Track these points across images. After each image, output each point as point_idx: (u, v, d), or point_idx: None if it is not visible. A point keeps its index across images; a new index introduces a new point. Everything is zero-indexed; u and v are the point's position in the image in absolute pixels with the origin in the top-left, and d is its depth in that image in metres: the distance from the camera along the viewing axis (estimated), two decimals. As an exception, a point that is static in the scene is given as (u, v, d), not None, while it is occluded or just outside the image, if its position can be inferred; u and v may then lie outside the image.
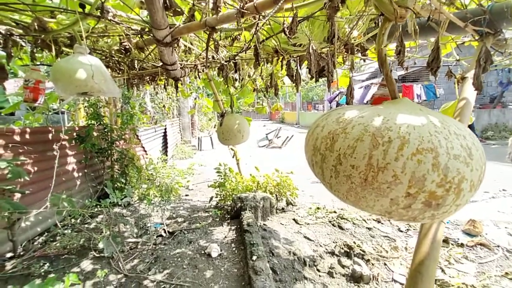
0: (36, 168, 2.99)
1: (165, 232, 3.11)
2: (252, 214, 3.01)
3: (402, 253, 2.51)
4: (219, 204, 4.02)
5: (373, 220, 3.25)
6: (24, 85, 1.53)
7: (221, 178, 3.95)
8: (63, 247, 2.49)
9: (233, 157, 4.50)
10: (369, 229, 3.02)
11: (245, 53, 2.01)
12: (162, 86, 3.54)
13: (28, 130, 2.94)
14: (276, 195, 3.88)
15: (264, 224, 3.02)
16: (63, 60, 1.11)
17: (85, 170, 3.90)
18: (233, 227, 2.98)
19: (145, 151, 6.34)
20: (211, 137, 10.87)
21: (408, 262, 2.39)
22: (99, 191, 3.94)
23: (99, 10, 1.11)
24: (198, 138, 10.72)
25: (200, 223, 3.27)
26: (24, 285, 1.87)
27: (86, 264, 2.29)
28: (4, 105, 6.01)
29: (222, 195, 3.93)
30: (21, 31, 1.20)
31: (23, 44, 1.45)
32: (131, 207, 3.98)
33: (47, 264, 2.22)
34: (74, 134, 3.65)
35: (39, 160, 3.06)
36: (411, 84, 11.00)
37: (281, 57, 1.71)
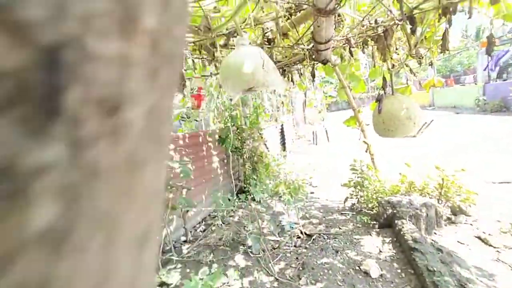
0: (194, 167, 3.56)
1: (301, 233, 2.96)
2: (414, 226, 2.33)
3: None
4: (355, 207, 3.51)
5: None
6: (191, 94, 1.70)
7: (357, 177, 3.42)
8: (219, 239, 2.78)
9: (366, 151, 3.85)
10: None
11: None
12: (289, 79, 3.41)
13: (186, 135, 3.53)
14: (438, 200, 2.94)
15: (433, 241, 2.27)
16: (229, 55, 1.02)
17: (225, 167, 4.39)
18: (386, 239, 2.42)
19: (267, 148, 6.64)
20: (326, 130, 10.28)
21: None
22: (237, 186, 4.34)
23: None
24: (313, 132, 10.39)
25: (339, 228, 2.90)
26: (198, 270, 2.13)
27: (239, 259, 2.42)
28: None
29: (360, 196, 3.39)
30: (191, 35, 1.25)
31: (187, 55, 1.55)
32: (264, 203, 4.13)
33: (210, 253, 2.50)
34: (216, 136, 4.15)
35: (195, 160, 3.62)
36: None
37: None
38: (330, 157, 7.54)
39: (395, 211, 2.55)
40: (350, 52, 1.80)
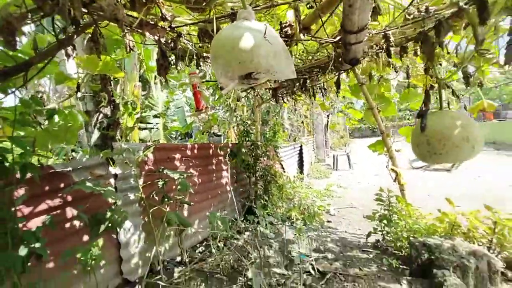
0: (200, 180, 3.30)
1: (313, 269, 2.50)
2: (460, 280, 1.82)
3: None
4: (380, 244, 2.99)
5: None
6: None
7: (384, 209, 2.93)
8: (216, 265, 2.41)
9: (394, 180, 3.36)
10: None
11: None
12: (306, 99, 3.14)
13: (196, 146, 3.32)
14: (489, 249, 2.36)
15: (488, 305, 1.74)
16: (225, 28, 0.77)
17: (235, 184, 4.08)
18: (422, 293, 1.91)
19: (283, 168, 6.25)
20: (348, 156, 9.68)
21: None
22: (246, 206, 3.98)
23: None
24: (334, 156, 9.85)
25: (360, 269, 2.42)
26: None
27: (236, 294, 2.03)
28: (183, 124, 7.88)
29: (386, 233, 2.89)
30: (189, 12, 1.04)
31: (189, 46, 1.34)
32: (274, 227, 3.71)
33: (203, 281, 2.14)
34: (228, 150, 3.91)
35: (202, 173, 3.36)
36: None
37: None
38: (351, 185, 6.95)
39: (433, 257, 2.05)
40: (388, 52, 1.47)
